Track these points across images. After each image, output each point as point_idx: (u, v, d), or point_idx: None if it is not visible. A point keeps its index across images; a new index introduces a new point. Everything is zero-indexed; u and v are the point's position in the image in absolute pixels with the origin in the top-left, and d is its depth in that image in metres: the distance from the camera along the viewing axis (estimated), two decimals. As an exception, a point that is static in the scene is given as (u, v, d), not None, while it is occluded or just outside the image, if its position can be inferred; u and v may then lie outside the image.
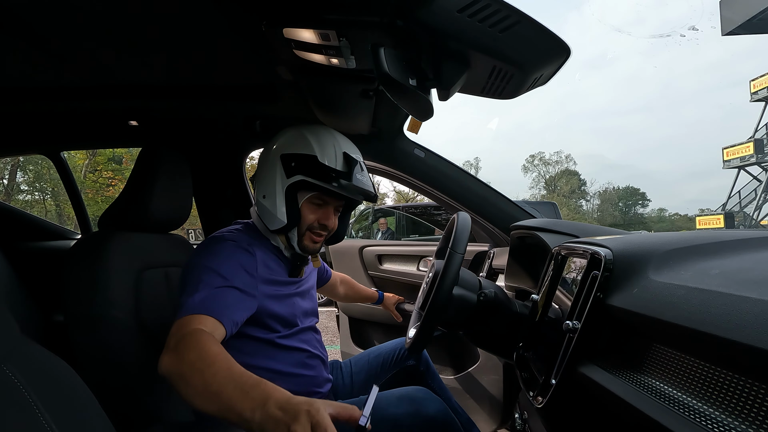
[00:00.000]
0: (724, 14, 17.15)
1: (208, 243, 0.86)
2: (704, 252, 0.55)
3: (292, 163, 0.88)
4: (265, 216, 0.90)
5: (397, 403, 0.86)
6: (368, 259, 1.89)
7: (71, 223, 11.13)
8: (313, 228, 0.92)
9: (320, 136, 0.91)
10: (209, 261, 0.80)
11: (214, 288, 0.75)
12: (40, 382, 0.46)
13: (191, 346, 0.63)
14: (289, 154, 0.89)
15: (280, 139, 0.93)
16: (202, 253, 0.83)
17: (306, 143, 0.89)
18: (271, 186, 0.89)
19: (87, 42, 0.83)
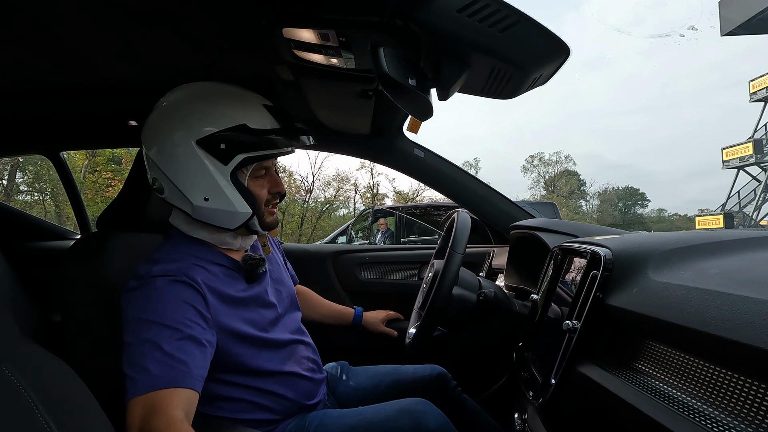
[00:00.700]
0: (724, 14, 17.17)
1: (138, 286, 0.71)
2: (703, 252, 0.55)
3: (221, 146, 0.72)
4: (220, 218, 0.76)
5: (396, 417, 0.83)
6: (345, 267, 1.64)
7: (71, 223, 11.13)
8: (269, 201, 0.82)
9: (222, 96, 0.77)
10: (148, 312, 0.67)
11: (166, 347, 0.65)
12: (40, 383, 0.46)
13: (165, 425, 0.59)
14: (208, 136, 0.72)
15: (171, 123, 0.75)
16: (136, 301, 0.70)
17: (219, 114, 0.74)
18: (209, 183, 0.73)
19: (87, 42, 0.83)
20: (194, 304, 0.71)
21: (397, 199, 21.59)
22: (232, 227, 0.78)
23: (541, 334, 0.78)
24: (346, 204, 23.37)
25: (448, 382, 1.09)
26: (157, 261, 0.75)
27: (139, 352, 0.65)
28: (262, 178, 0.81)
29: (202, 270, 0.76)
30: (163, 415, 0.60)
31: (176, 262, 0.74)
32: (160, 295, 0.69)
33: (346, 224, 7.09)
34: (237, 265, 0.83)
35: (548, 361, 0.64)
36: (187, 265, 0.74)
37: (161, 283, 0.70)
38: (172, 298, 0.70)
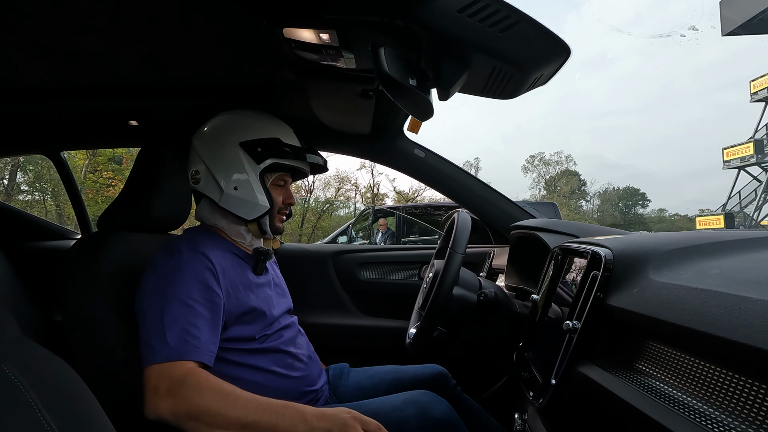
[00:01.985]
0: (724, 14, 17.15)
1: (159, 261, 0.81)
2: (704, 252, 0.55)
3: (258, 149, 0.89)
4: (241, 207, 0.89)
5: (402, 407, 0.85)
6: (345, 268, 1.65)
7: (71, 223, 11.14)
8: (281, 209, 0.96)
9: (267, 119, 0.95)
10: (167, 286, 0.77)
11: (183, 322, 0.74)
12: (40, 382, 0.46)
13: (197, 388, 0.68)
14: (251, 140, 0.90)
15: (226, 128, 0.93)
16: (156, 274, 0.80)
17: (261, 128, 0.92)
18: (241, 176, 0.89)
19: (87, 42, 0.83)
20: (211, 284, 0.80)
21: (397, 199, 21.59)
22: (250, 218, 0.90)
23: (542, 334, 0.78)
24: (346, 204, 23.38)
25: (448, 381, 1.09)
26: (182, 240, 0.85)
27: (159, 323, 0.73)
28: (280, 187, 0.96)
29: (219, 255, 0.86)
30: (189, 369, 0.70)
31: (199, 244, 0.84)
32: (183, 272, 0.79)
33: (346, 224, 7.09)
34: (247, 256, 0.94)
35: (548, 362, 0.64)
36: (207, 249, 0.84)
37: (180, 259, 0.80)
38: (193, 277, 0.79)
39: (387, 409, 0.85)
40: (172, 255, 0.81)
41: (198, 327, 0.75)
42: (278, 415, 0.68)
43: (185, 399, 0.67)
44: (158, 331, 0.73)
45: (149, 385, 0.70)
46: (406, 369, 1.10)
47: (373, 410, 0.85)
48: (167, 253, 0.82)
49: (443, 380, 1.08)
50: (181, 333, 0.73)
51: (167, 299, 0.75)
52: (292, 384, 0.89)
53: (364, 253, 1.69)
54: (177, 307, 0.75)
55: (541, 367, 0.69)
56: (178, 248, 0.82)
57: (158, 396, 0.68)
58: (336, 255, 1.66)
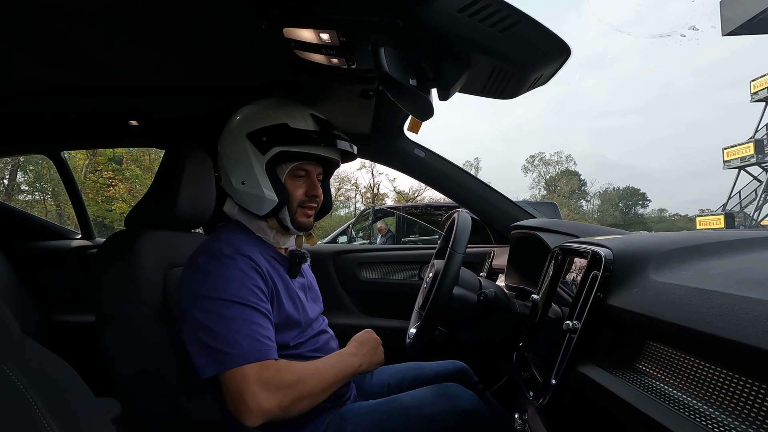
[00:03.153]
0: (725, 14, 17.15)
1: (205, 265, 0.78)
2: (704, 252, 0.55)
3: (263, 138, 0.83)
4: (251, 202, 0.85)
5: (433, 401, 0.86)
6: (346, 268, 1.65)
7: (71, 223, 11.14)
8: (303, 203, 0.88)
9: (281, 104, 0.88)
10: (219, 291, 0.75)
11: (249, 324, 0.74)
12: (40, 382, 0.46)
13: (278, 377, 0.73)
14: (256, 130, 0.84)
15: (237, 121, 0.88)
16: (204, 278, 0.76)
17: (270, 115, 0.85)
18: (248, 169, 0.84)
19: (87, 42, 0.83)
20: (261, 287, 0.79)
21: (397, 199, 21.58)
22: (260, 213, 0.85)
23: (542, 334, 0.78)
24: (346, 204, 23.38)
25: (470, 378, 1.11)
26: (222, 241, 0.82)
27: (225, 328, 0.72)
28: (300, 178, 0.89)
29: (259, 256, 0.83)
30: (265, 364, 0.72)
31: (240, 245, 0.82)
32: (235, 276, 0.77)
33: (346, 224, 7.08)
34: (282, 258, 0.91)
35: (549, 362, 0.64)
36: (249, 251, 0.82)
37: (230, 263, 0.78)
38: (247, 281, 0.77)
39: (417, 403, 0.86)
40: (219, 259, 0.78)
41: (263, 326, 0.76)
42: (341, 364, 0.82)
43: (290, 388, 0.73)
44: (226, 336, 0.72)
45: (239, 389, 0.70)
46: (428, 365, 1.11)
47: (404, 404, 0.86)
48: (211, 256, 0.79)
49: (465, 376, 1.10)
50: (251, 334, 0.73)
51: (226, 304, 0.74)
52: None
53: (364, 253, 1.69)
54: (239, 311, 0.74)
55: (541, 367, 0.68)
56: (221, 251, 0.79)
57: (259, 396, 0.70)
58: (336, 255, 1.66)
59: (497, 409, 1.05)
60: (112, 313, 0.83)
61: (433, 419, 0.83)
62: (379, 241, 5.95)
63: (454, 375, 1.08)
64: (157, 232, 0.94)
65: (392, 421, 0.84)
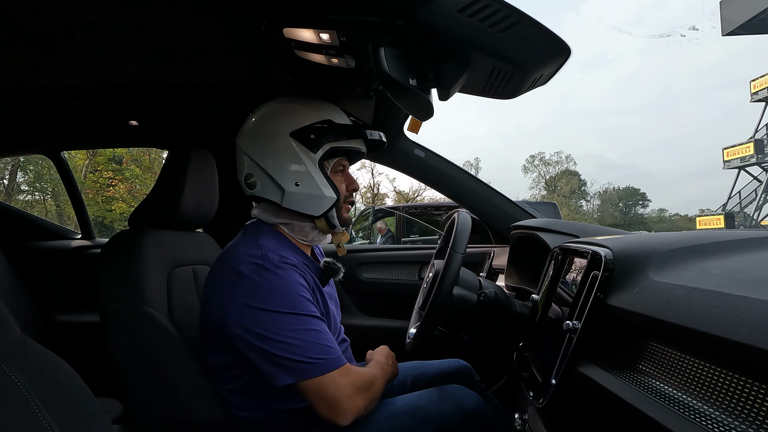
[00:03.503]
0: (725, 14, 17.14)
1: (259, 277, 0.74)
2: (704, 252, 0.55)
3: (312, 136, 0.81)
4: (306, 203, 0.82)
5: (438, 401, 0.87)
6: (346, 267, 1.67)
7: (71, 223, 11.13)
8: (346, 197, 0.88)
9: (312, 101, 0.86)
10: (284, 303, 0.73)
11: (318, 335, 0.75)
12: (40, 382, 0.46)
13: (361, 380, 0.78)
14: (301, 128, 0.81)
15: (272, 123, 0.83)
16: (262, 292, 0.73)
17: (310, 112, 0.83)
18: (300, 169, 0.81)
19: (87, 42, 0.83)
20: (310, 296, 0.79)
21: (397, 199, 21.58)
22: (318, 213, 0.83)
23: (542, 334, 0.78)
24: (346, 204, 23.30)
25: (472, 377, 1.11)
26: (267, 248, 0.79)
27: (299, 344, 0.72)
28: (340, 173, 0.88)
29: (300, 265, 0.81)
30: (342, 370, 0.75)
31: (282, 253, 0.79)
32: (291, 286, 0.76)
33: (346, 224, 7.06)
34: (315, 266, 0.89)
35: (549, 362, 0.64)
36: (292, 258, 0.80)
37: (287, 274, 0.76)
38: (301, 289, 0.77)
39: (423, 403, 0.87)
40: (270, 269, 0.75)
41: (328, 333, 0.77)
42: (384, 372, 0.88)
43: (370, 389, 0.79)
44: (302, 347, 0.72)
45: (334, 395, 0.73)
46: (431, 364, 1.12)
47: (410, 404, 0.87)
48: (260, 266, 0.75)
49: (467, 375, 1.10)
50: (325, 343, 0.75)
51: (293, 317, 0.73)
52: None
53: (364, 253, 1.69)
54: (306, 322, 0.74)
55: (541, 367, 0.68)
56: (270, 260, 0.76)
57: (355, 398, 0.74)
58: (336, 255, 1.66)
59: (499, 409, 1.05)
60: (116, 313, 0.83)
61: (438, 419, 0.84)
62: (379, 241, 5.95)
63: (457, 374, 1.08)
64: (161, 232, 0.95)
65: (398, 421, 0.84)
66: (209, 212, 1.07)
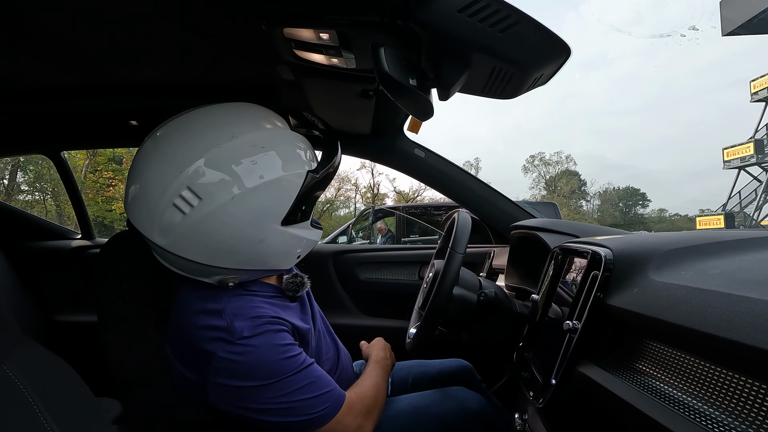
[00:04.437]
0: (725, 14, 17.14)
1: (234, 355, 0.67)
2: (704, 252, 0.55)
3: (299, 214, 0.72)
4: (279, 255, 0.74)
5: (441, 401, 0.88)
6: (345, 268, 1.63)
7: (71, 223, 11.14)
8: None
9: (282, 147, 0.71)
10: (269, 374, 0.67)
11: (313, 383, 0.70)
12: (40, 382, 0.46)
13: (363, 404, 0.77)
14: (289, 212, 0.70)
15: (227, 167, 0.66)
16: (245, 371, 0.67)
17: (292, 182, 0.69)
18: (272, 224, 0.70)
19: (87, 42, 0.83)
20: (291, 342, 0.72)
21: (397, 199, 21.58)
22: (285, 266, 0.79)
23: (542, 334, 0.78)
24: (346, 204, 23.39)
25: (473, 376, 1.12)
26: (231, 316, 0.70)
27: (297, 398, 0.68)
28: None
29: (266, 304, 0.75)
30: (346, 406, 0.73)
31: (254, 307, 0.72)
32: (270, 355, 0.68)
33: (346, 224, 7.08)
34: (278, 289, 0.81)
35: (548, 362, 0.64)
36: (253, 305, 0.72)
37: (261, 341, 0.68)
38: (281, 349, 0.69)
39: (426, 403, 0.88)
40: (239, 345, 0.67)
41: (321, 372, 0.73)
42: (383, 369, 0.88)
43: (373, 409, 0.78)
44: (301, 405, 0.68)
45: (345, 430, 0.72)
46: (432, 363, 1.12)
47: (413, 404, 0.88)
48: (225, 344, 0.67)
49: (469, 374, 1.11)
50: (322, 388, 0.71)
51: (279, 384, 0.67)
52: None
53: (364, 253, 1.69)
54: (293, 382, 0.68)
55: (541, 367, 0.68)
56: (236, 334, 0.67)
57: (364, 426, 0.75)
58: (336, 255, 1.66)
59: (501, 409, 1.05)
60: (114, 314, 0.83)
61: (441, 420, 0.84)
62: (379, 241, 5.95)
63: (458, 373, 1.09)
64: None
65: (400, 420, 0.84)
66: None
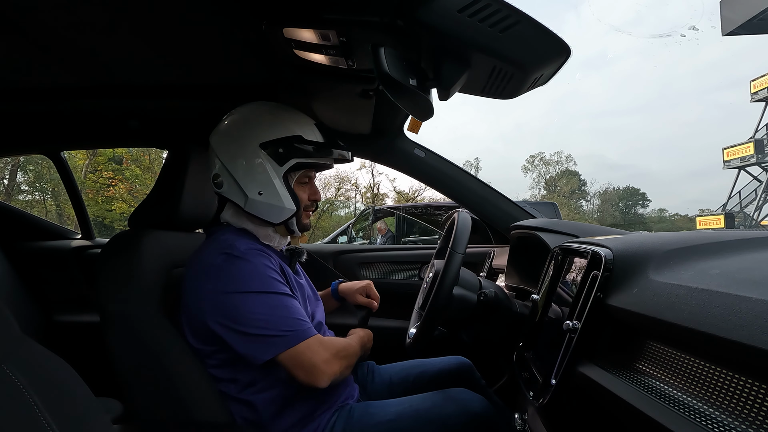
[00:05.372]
0: (725, 14, 17.14)
1: (230, 264, 0.80)
2: (704, 252, 0.55)
3: (279, 149, 0.85)
4: (266, 211, 0.87)
5: (443, 404, 0.87)
6: (346, 267, 1.66)
7: (71, 223, 11.14)
8: (307, 207, 0.94)
9: (285, 113, 0.90)
10: (255, 284, 0.79)
11: (290, 310, 0.79)
12: (40, 382, 0.46)
13: (333, 346, 0.82)
14: (271, 140, 0.85)
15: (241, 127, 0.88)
16: (234, 276, 0.79)
17: (281, 125, 0.87)
18: (265, 179, 0.86)
19: (87, 42, 0.83)
20: (279, 277, 0.83)
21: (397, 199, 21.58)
22: (277, 221, 0.88)
23: (542, 334, 0.78)
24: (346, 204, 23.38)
25: (473, 374, 1.11)
26: (232, 240, 0.84)
27: (273, 315, 0.77)
28: (305, 185, 0.93)
29: (270, 255, 0.86)
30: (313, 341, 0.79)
31: (253, 242, 0.87)
32: (261, 269, 0.81)
33: (346, 224, 7.08)
34: (282, 256, 0.95)
35: (549, 362, 0.64)
36: (261, 249, 0.85)
37: (256, 259, 0.81)
38: (270, 271, 0.82)
39: (428, 406, 0.87)
40: (240, 257, 0.80)
41: (300, 309, 0.82)
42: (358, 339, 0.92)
43: (343, 357, 0.82)
44: (277, 322, 0.77)
45: (312, 360, 0.77)
46: (432, 362, 1.12)
47: (414, 406, 0.87)
48: (230, 255, 0.80)
49: (469, 372, 1.10)
50: (297, 317, 0.79)
51: (264, 296, 0.78)
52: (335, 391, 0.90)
53: (364, 253, 1.69)
54: (277, 299, 0.79)
55: (541, 367, 0.68)
56: (239, 249, 0.81)
57: (331, 362, 0.79)
58: (336, 255, 1.66)
59: (501, 407, 1.05)
60: (116, 313, 0.83)
61: (443, 422, 0.84)
62: (379, 241, 5.95)
63: (458, 371, 1.08)
64: (161, 233, 0.95)
65: (401, 423, 0.84)
66: (209, 213, 1.07)
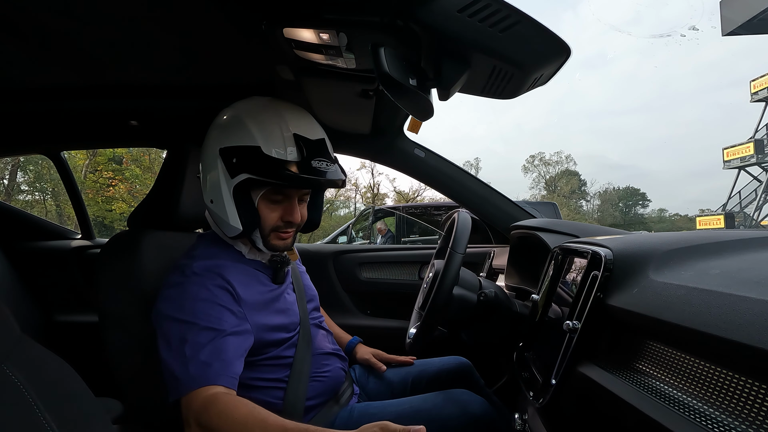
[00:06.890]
0: (725, 14, 17.14)
1: (175, 280, 0.75)
2: (704, 252, 0.55)
3: (234, 159, 0.75)
4: (219, 223, 0.80)
5: (443, 405, 0.86)
6: (346, 267, 1.65)
7: (71, 223, 11.14)
8: (278, 228, 0.81)
9: (262, 118, 0.77)
10: (183, 311, 0.71)
11: (204, 348, 0.68)
12: (40, 382, 0.46)
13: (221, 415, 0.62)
14: (229, 147, 0.76)
15: (216, 128, 0.80)
16: (171, 296, 0.73)
17: (245, 131, 0.75)
18: (216, 188, 0.77)
19: (87, 42, 0.83)
20: (228, 304, 0.74)
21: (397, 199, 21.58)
22: (229, 235, 0.81)
23: (542, 334, 0.78)
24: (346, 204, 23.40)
25: (473, 374, 1.11)
26: (195, 257, 0.79)
27: (180, 352, 0.68)
28: (277, 203, 0.80)
29: (234, 270, 0.79)
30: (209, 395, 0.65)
31: (212, 260, 0.79)
32: (193, 293, 0.73)
33: (346, 224, 7.08)
34: (263, 266, 0.87)
35: (549, 362, 0.64)
36: (222, 265, 0.78)
37: (194, 284, 0.74)
38: (207, 299, 0.73)
39: (428, 407, 0.86)
40: (187, 276, 0.75)
41: (221, 349, 0.69)
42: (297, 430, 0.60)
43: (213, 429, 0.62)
44: (178, 358, 0.68)
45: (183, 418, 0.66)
46: (431, 362, 1.11)
47: (414, 407, 0.86)
48: (181, 273, 0.76)
49: (468, 372, 1.10)
50: (203, 357, 0.68)
51: (186, 326, 0.70)
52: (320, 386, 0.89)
53: (364, 253, 1.69)
54: (198, 334, 0.69)
55: (541, 367, 0.68)
56: (190, 267, 0.76)
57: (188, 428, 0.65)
58: (336, 255, 1.66)
59: (500, 407, 1.05)
60: (115, 313, 0.84)
61: (443, 423, 0.83)
62: (379, 241, 5.95)
63: (457, 371, 1.08)
64: (160, 233, 0.94)
65: (401, 423, 0.83)
66: None
